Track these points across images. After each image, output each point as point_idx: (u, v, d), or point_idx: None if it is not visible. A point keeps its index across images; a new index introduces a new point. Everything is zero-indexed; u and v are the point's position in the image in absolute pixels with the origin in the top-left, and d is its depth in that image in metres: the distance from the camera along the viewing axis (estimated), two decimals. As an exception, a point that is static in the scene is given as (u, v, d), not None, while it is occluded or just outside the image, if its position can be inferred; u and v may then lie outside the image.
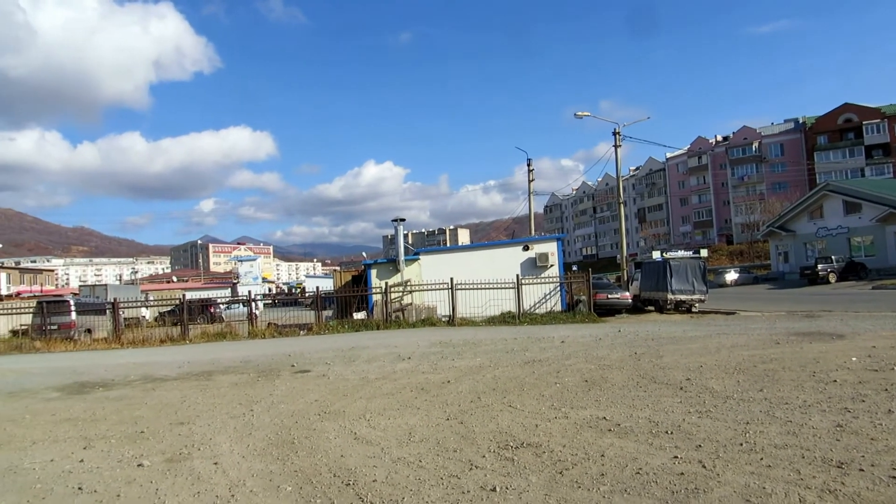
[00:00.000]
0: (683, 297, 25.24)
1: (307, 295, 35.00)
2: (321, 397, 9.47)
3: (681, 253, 34.36)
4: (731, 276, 55.11)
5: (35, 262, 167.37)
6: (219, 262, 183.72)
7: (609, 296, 25.60)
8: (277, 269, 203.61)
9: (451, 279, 22.68)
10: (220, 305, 29.85)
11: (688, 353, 12.09)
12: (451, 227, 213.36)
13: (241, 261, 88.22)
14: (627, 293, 26.72)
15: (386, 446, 6.40)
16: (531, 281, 23.83)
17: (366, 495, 4.98)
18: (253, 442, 6.89)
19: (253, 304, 24.53)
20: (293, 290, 68.48)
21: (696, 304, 25.37)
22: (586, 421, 7.00)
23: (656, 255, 42.02)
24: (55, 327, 23.14)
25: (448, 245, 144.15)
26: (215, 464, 6.12)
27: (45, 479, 5.95)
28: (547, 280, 24.20)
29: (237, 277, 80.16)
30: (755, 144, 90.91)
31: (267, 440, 6.94)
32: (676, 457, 5.49)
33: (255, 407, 8.94)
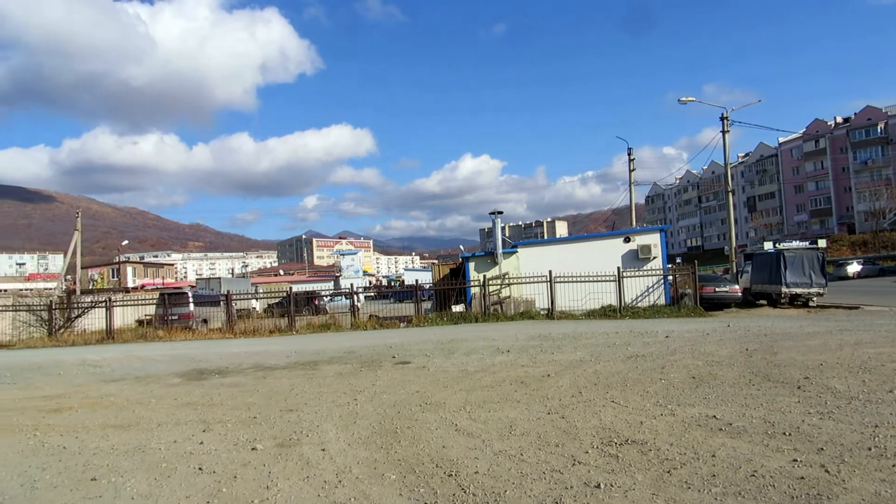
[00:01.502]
0: (799, 291, 23.74)
1: (406, 287, 35.67)
2: (422, 388, 9.61)
3: (796, 243, 32.42)
4: (854, 267, 51.35)
5: (157, 256, 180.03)
6: (322, 256, 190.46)
7: (717, 289, 24.46)
8: (377, 263, 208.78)
9: (550, 272, 22.41)
10: (324, 298, 30.92)
11: (805, 349, 11.36)
12: (549, 220, 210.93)
13: (343, 255, 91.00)
14: (737, 286, 25.43)
15: (487, 438, 6.41)
16: (633, 273, 23.17)
17: (468, 486, 5.00)
18: (357, 430, 7.09)
19: (355, 296, 25.25)
20: (392, 283, 69.98)
21: (814, 298, 23.78)
22: (694, 419, 6.71)
23: (768, 245, 39.72)
24: (175, 318, 24.77)
25: (545, 237, 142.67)
26: (323, 450, 6.34)
27: (170, 459, 6.37)
28: (649, 272, 23.46)
29: (339, 271, 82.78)
30: (881, 125, 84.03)
31: (371, 429, 7.12)
32: (796, 460, 5.16)
33: (358, 396, 9.20)
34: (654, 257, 23.84)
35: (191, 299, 26.25)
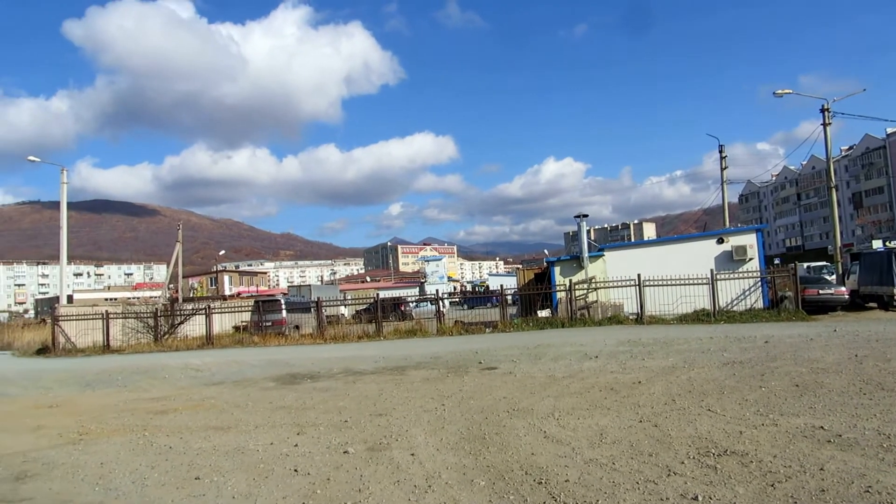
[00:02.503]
0: (914, 293, 22.04)
1: (491, 293, 35.68)
2: (509, 394, 9.56)
3: (908, 242, 30.12)
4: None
5: (251, 265, 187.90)
6: (407, 263, 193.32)
7: (820, 291, 23.05)
8: (461, 268, 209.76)
9: (639, 275, 21.82)
10: (410, 303, 31.35)
11: (923, 356, 10.53)
12: (636, 222, 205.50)
13: (428, 261, 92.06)
14: (843, 288, 23.88)
15: (577, 446, 6.29)
16: (727, 276, 22.22)
17: (558, 495, 4.92)
18: (446, 435, 7.12)
19: (440, 301, 25.46)
20: (477, 289, 70.13)
21: (931, 301, 22.02)
22: (799, 430, 6.34)
23: (877, 244, 37.17)
24: (269, 324, 25.75)
25: (632, 240, 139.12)
26: (412, 455, 6.40)
27: (267, 460, 6.61)
28: (745, 275, 22.42)
29: (424, 277, 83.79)
30: None
31: (459, 434, 7.14)
32: (916, 476, 4.78)
33: (446, 402, 9.25)
34: (751, 258, 22.76)
35: (283, 306, 27.21)
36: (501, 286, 25.86)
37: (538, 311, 23.64)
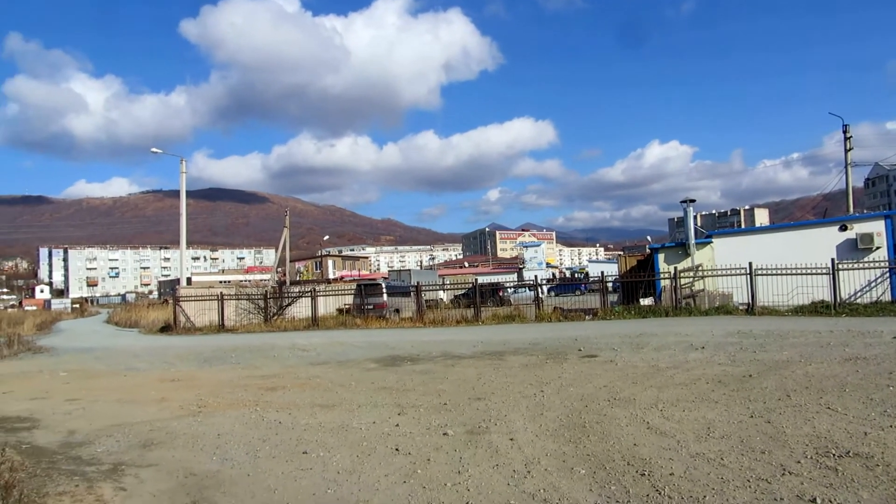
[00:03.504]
0: None
1: (591, 280, 35.02)
2: (609, 383, 9.36)
3: None
4: None
5: (353, 250, 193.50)
6: (505, 248, 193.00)
7: (958, 283, 21.04)
8: (560, 255, 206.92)
9: (750, 263, 20.70)
10: (508, 289, 31.30)
11: None
12: (746, 207, 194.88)
13: (526, 246, 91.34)
14: None
15: (682, 439, 6.07)
16: (850, 266, 20.69)
17: (662, 488, 4.77)
18: (545, 422, 7.07)
19: (539, 288, 25.25)
20: (576, 275, 69.00)
21: None
22: (934, 432, 5.83)
23: None
24: (371, 307, 26.47)
25: (743, 227, 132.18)
26: (511, 440, 6.40)
27: (369, 439, 6.81)
28: (872, 265, 20.78)
29: (522, 262, 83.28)
30: None
31: (558, 421, 7.06)
32: None
33: (545, 388, 9.17)
34: (878, 247, 21.06)
35: (384, 290, 27.89)
36: (602, 273, 25.27)
37: (640, 299, 22.97)
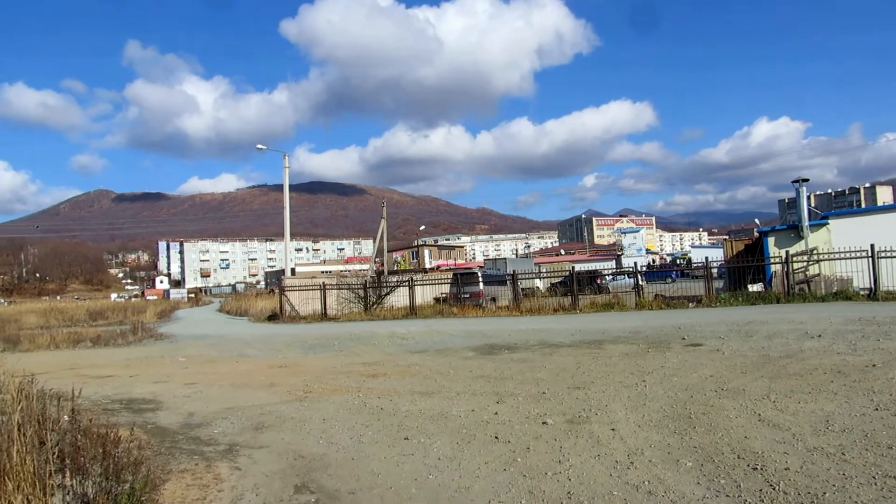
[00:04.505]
0: None
1: (694, 266, 33.70)
2: (716, 373, 8.98)
3: None
4: None
5: (448, 239, 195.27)
6: (602, 235, 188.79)
7: None
8: (660, 240, 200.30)
9: (872, 246, 19.23)
10: (607, 277, 30.64)
11: None
12: (867, 185, 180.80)
13: (625, 233, 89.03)
14: None
15: (798, 432, 5.74)
16: None
17: (777, 483, 4.54)
18: (647, 412, 6.88)
19: (639, 275, 24.55)
20: (678, 261, 66.54)
21: None
22: None
23: None
24: (467, 296, 26.63)
25: (863, 206, 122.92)
26: (612, 430, 6.27)
27: (469, 426, 6.86)
28: None
29: (621, 249, 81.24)
30: None
31: (662, 412, 6.85)
32: None
33: (647, 378, 8.92)
34: None
35: (480, 279, 27.96)
36: (706, 258, 24.18)
37: (748, 286, 21.86)
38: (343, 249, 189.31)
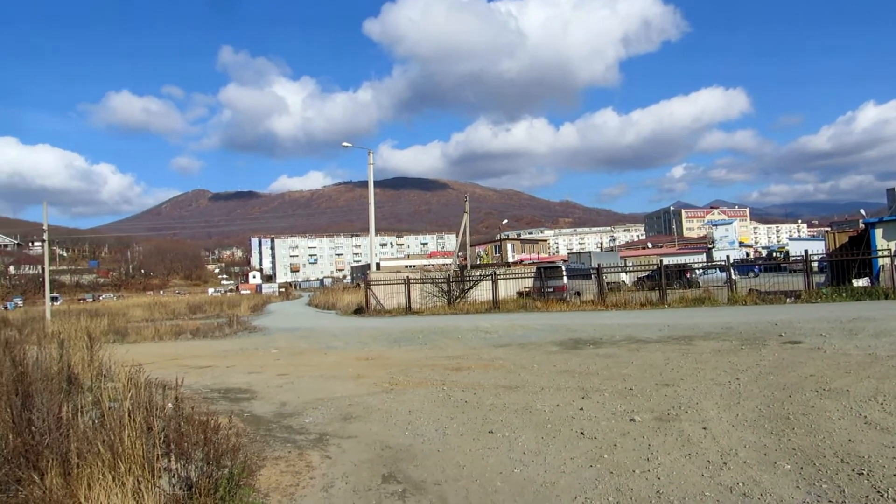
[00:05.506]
0: None
1: (792, 259, 32.04)
2: (817, 372, 8.51)
3: None
4: None
5: (531, 233, 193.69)
6: (692, 228, 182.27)
7: None
8: (755, 233, 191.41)
9: None
10: (697, 270, 29.59)
11: None
12: None
13: (716, 225, 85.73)
14: None
15: (909, 437, 5.37)
16: None
17: (885, 490, 4.27)
18: (742, 412, 6.61)
19: (731, 269, 23.57)
20: (774, 255, 63.39)
21: None
22: None
23: None
24: (551, 290, 26.35)
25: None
26: (704, 428, 6.07)
27: (553, 421, 6.81)
28: None
29: (712, 242, 78.29)
30: None
31: (757, 412, 6.57)
32: None
33: (740, 376, 8.57)
34: None
35: (564, 272, 27.61)
36: (805, 252, 22.93)
37: (853, 280, 20.56)
38: (426, 244, 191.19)
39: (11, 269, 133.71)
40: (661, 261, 26.36)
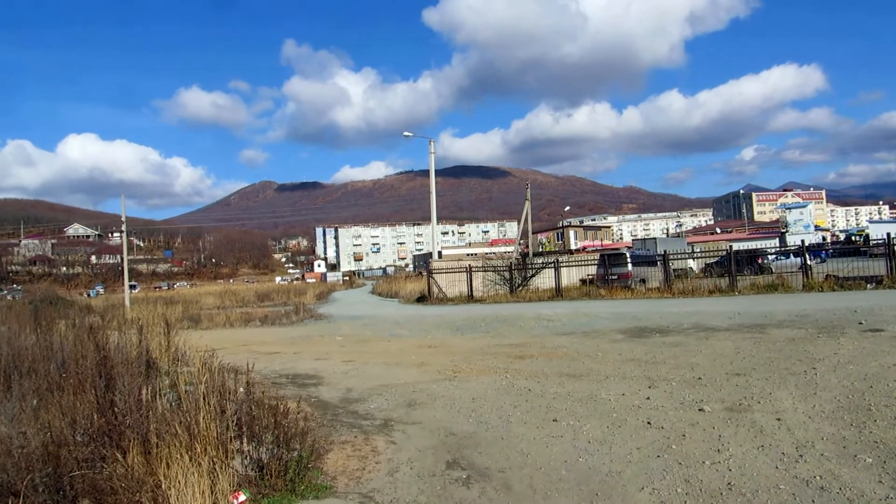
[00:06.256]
0: None
1: (873, 243, 30.44)
2: (902, 361, 8.07)
3: None
4: None
5: (594, 219, 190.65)
6: (763, 212, 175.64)
7: None
8: (832, 216, 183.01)
9: None
10: (769, 256, 28.51)
11: None
12: None
13: (789, 208, 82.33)
14: None
15: None
16: None
17: (979, 487, 4.02)
18: (818, 402, 6.34)
19: (806, 254, 22.59)
20: (853, 238, 60.45)
21: None
22: None
23: None
24: (615, 277, 25.89)
25: None
26: (777, 419, 5.86)
27: (619, 410, 6.71)
28: None
29: (785, 226, 75.24)
30: None
31: (835, 402, 6.29)
32: None
33: (817, 365, 8.21)
34: None
35: (628, 259, 27.08)
36: (888, 235, 21.74)
37: (941, 265, 19.39)
38: (487, 232, 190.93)
39: (93, 258, 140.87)
40: (730, 246, 25.47)
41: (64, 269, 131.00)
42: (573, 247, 76.02)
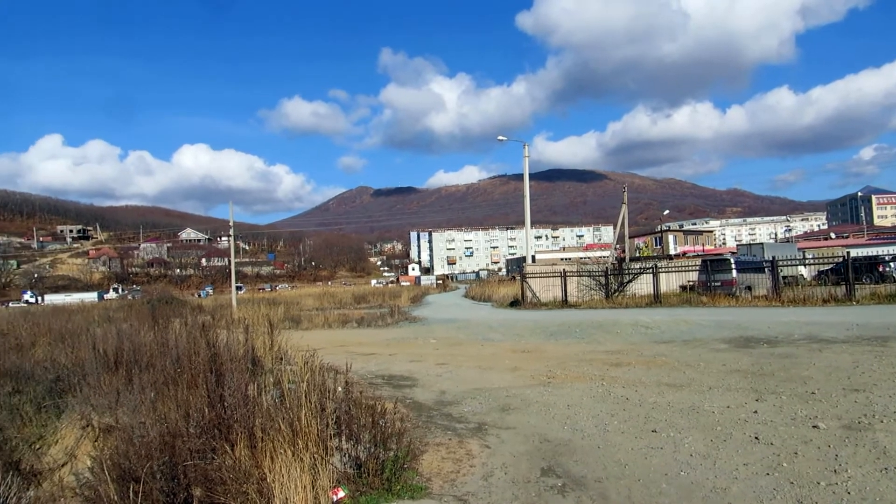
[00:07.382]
0: None
1: None
2: None
3: None
4: None
5: (695, 224, 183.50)
6: (884, 216, 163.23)
7: None
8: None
9: None
10: (891, 263, 26.44)
11: None
12: None
13: (914, 212, 76.05)
14: None
15: None
16: None
17: None
18: (952, 424, 5.80)
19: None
20: None
21: None
22: None
23: None
24: (718, 284, 24.80)
25: None
26: (904, 440, 5.40)
27: (724, 423, 6.39)
28: None
29: (909, 231, 69.56)
30: None
31: (972, 425, 5.73)
32: None
33: (949, 382, 7.53)
34: None
35: (733, 265, 25.88)
36: None
37: None
38: (582, 236, 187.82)
39: (203, 261, 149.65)
40: (847, 252, 23.80)
41: (178, 270, 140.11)
42: (672, 252, 73.44)
